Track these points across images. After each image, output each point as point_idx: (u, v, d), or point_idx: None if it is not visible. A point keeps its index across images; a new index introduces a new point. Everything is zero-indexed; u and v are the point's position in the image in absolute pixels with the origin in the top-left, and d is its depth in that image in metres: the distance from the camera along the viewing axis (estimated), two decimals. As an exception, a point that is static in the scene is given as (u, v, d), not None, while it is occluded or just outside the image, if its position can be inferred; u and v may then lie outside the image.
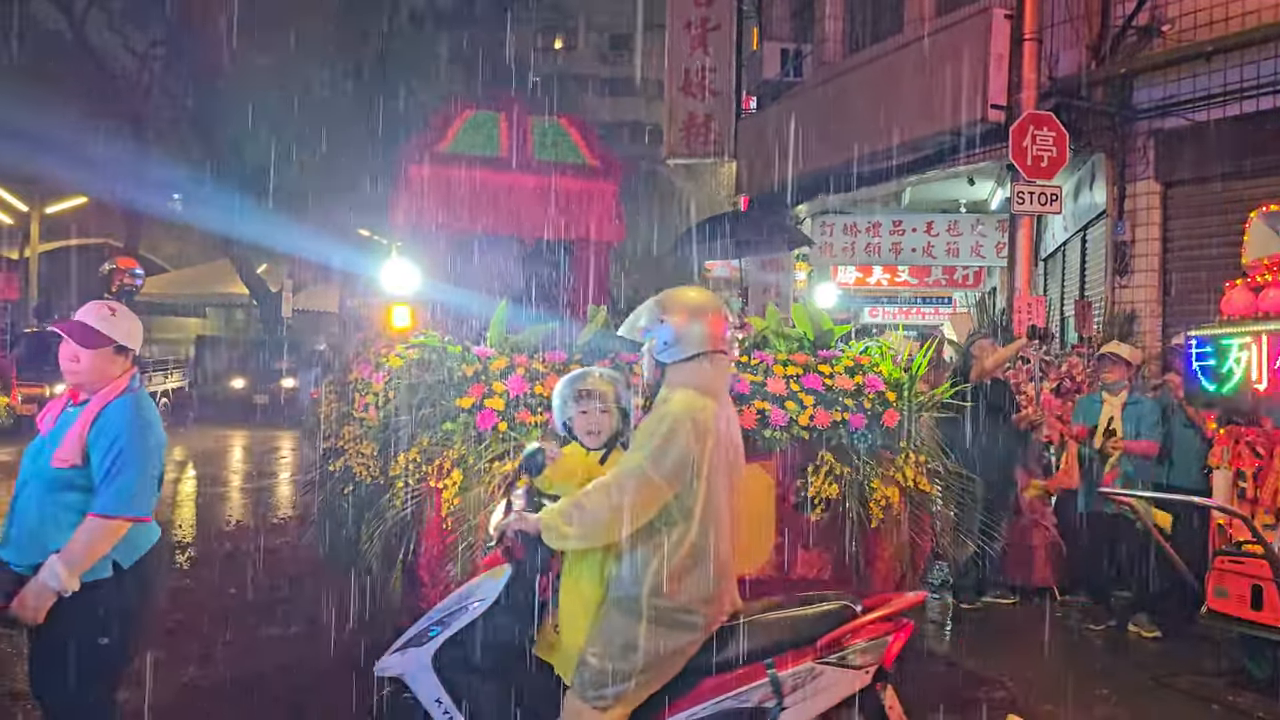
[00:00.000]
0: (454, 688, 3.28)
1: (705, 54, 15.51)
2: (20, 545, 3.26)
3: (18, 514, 3.29)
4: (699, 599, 3.02)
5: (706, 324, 3.12)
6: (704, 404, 3.05)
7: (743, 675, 3.02)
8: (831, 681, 3.03)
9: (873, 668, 3.07)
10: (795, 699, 3.00)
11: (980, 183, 13.02)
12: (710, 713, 3.02)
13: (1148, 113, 9.47)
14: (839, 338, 5.23)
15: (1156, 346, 9.19)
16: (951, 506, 5.13)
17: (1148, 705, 5.25)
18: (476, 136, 6.51)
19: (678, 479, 2.99)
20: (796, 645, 3.04)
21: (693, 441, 3.00)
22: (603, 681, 3.02)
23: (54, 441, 3.26)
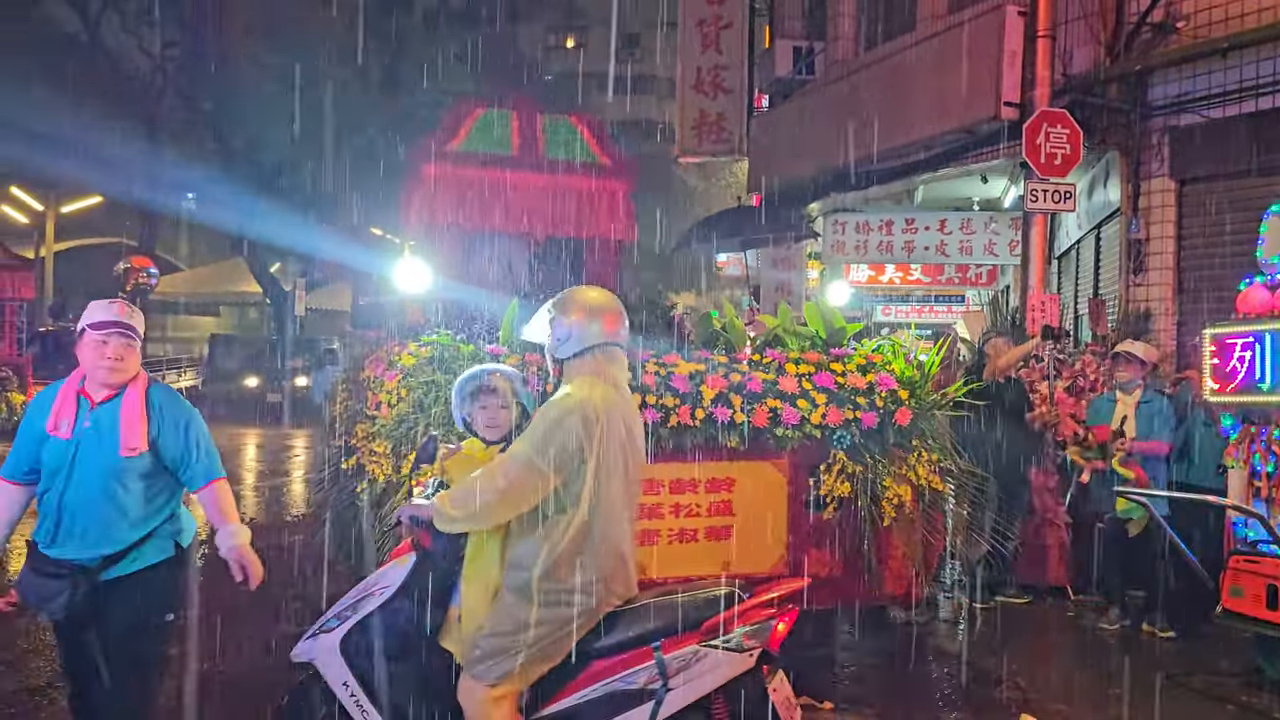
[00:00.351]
0: (360, 672, 3.42)
1: (717, 52, 15.48)
2: (84, 538, 3.35)
3: (75, 509, 3.34)
4: (586, 582, 3.12)
5: (601, 321, 3.28)
6: (595, 395, 3.16)
7: (631, 658, 3.14)
8: (716, 663, 3.13)
9: (757, 651, 3.18)
10: (680, 680, 3.10)
11: (993, 180, 12.96)
12: (600, 694, 3.13)
13: (1163, 109, 9.41)
14: (851, 336, 5.23)
15: (1172, 345, 9.13)
16: (964, 505, 5.12)
17: (1161, 705, 5.22)
18: (488, 135, 6.52)
19: (562, 466, 3.11)
20: (683, 629, 3.15)
21: (579, 430, 3.11)
22: (492, 659, 3.15)
23: (108, 435, 3.35)
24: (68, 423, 3.37)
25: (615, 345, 3.31)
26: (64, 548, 3.36)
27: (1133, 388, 6.73)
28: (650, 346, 4.86)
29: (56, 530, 3.36)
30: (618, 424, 3.22)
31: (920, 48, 11.46)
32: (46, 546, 3.37)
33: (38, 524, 3.41)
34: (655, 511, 4.67)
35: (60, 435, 3.36)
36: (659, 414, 4.54)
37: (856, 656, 5.85)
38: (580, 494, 3.14)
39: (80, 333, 3.42)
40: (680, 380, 4.62)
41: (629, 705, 3.10)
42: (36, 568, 3.37)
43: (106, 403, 3.41)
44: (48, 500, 3.38)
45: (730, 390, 4.66)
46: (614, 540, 3.19)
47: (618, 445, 3.20)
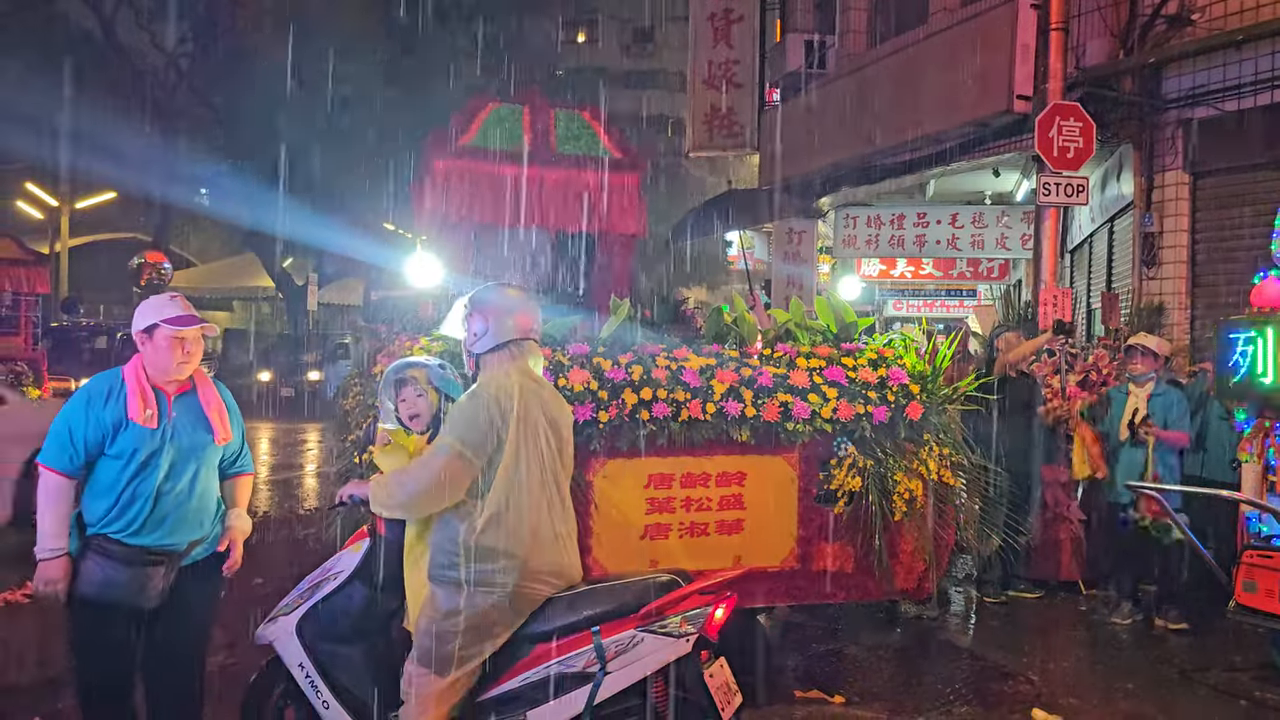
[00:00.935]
0: (316, 654, 3.57)
1: (728, 46, 15.45)
2: (176, 525, 3.49)
3: (167, 497, 3.46)
4: (505, 567, 3.23)
5: (514, 317, 3.42)
6: (509, 385, 3.31)
7: (571, 642, 3.23)
8: (652, 648, 3.22)
9: (693, 637, 3.25)
10: (618, 664, 3.20)
11: (1005, 174, 12.92)
12: (540, 677, 3.23)
13: (1176, 102, 9.36)
14: (862, 330, 5.22)
15: (1185, 338, 9.09)
16: (976, 500, 5.11)
17: (1174, 700, 5.22)
18: (499, 130, 6.52)
19: (481, 449, 3.25)
20: (621, 614, 3.24)
21: (495, 417, 3.26)
22: (432, 646, 3.25)
23: (198, 425, 3.54)
24: (153, 412, 3.44)
25: (529, 340, 3.46)
26: (154, 534, 3.44)
27: (1145, 380, 6.70)
28: (661, 340, 4.87)
29: (145, 518, 3.42)
30: (535, 412, 3.34)
31: (932, 41, 11.42)
32: (132, 535, 3.41)
33: (110, 514, 3.41)
34: (666, 505, 4.68)
35: (147, 424, 3.42)
36: (670, 408, 4.54)
37: (867, 651, 5.85)
38: (495, 480, 3.26)
39: (149, 329, 3.46)
40: (691, 375, 4.63)
41: (569, 687, 3.20)
42: (121, 558, 3.38)
43: (183, 395, 3.56)
44: (133, 489, 3.41)
45: (741, 384, 4.66)
46: (534, 524, 3.28)
47: (536, 433, 3.32)
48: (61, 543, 3.38)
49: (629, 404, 4.49)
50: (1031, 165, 10.09)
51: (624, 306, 4.99)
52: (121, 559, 3.38)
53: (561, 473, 3.46)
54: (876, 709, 4.91)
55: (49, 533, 3.37)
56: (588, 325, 4.89)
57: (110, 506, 3.41)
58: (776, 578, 4.82)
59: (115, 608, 3.39)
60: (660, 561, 4.65)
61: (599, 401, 4.46)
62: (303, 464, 13.63)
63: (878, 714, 4.85)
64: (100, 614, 3.39)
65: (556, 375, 4.46)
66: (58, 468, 3.40)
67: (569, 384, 4.44)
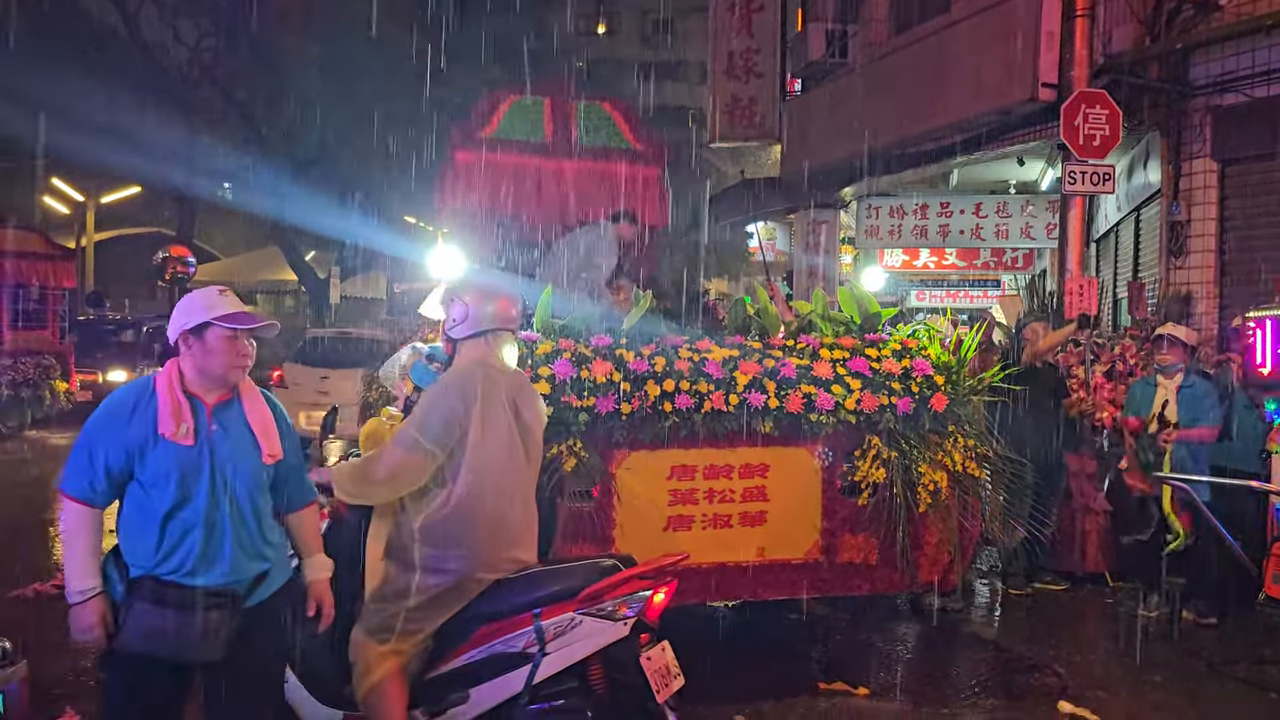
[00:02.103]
0: None
1: (749, 36, 15.37)
2: (238, 560, 2.96)
3: (219, 525, 2.93)
4: (463, 551, 3.33)
5: (495, 305, 3.51)
6: (478, 374, 3.39)
7: (514, 623, 3.32)
8: (591, 631, 3.29)
9: (631, 620, 3.33)
10: (556, 645, 3.28)
11: (1030, 163, 12.80)
12: (483, 656, 3.32)
13: (1204, 89, 9.23)
14: (886, 321, 5.19)
15: (1213, 328, 8.98)
16: (1001, 491, 5.07)
17: (1202, 692, 5.17)
18: (521, 122, 6.53)
19: (442, 440, 3.33)
20: (562, 598, 3.32)
21: (457, 406, 3.34)
22: (377, 617, 3.37)
23: (243, 440, 3.00)
24: (188, 426, 2.91)
25: (507, 330, 3.56)
26: (212, 573, 2.91)
27: (1174, 371, 6.62)
28: (684, 332, 4.87)
29: (199, 553, 2.90)
30: (501, 403, 3.43)
31: (955, 29, 11.31)
32: (188, 575, 2.88)
33: (157, 552, 2.89)
34: (689, 497, 4.68)
35: (182, 441, 2.89)
36: (693, 400, 4.54)
37: (891, 643, 5.83)
38: (459, 468, 3.34)
39: (198, 329, 2.96)
40: (714, 366, 4.62)
41: (510, 667, 3.29)
42: (176, 603, 2.85)
43: (223, 404, 3.01)
44: (180, 520, 2.89)
45: (764, 376, 4.65)
46: (492, 512, 3.38)
47: (500, 423, 3.41)
48: (93, 582, 2.87)
49: (651, 396, 4.49)
50: (1057, 154, 9.97)
51: (646, 298, 4.98)
52: (176, 604, 2.84)
53: (526, 465, 3.54)
54: (901, 701, 4.89)
55: (77, 572, 2.88)
56: (610, 317, 4.89)
57: (155, 543, 2.89)
58: (800, 570, 4.82)
59: (165, 663, 2.88)
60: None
61: (621, 393, 4.46)
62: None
63: (902, 706, 4.84)
64: (147, 670, 2.88)
65: (580, 367, 4.46)
66: (78, 495, 2.88)
67: (592, 375, 4.44)
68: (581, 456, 4.37)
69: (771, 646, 5.48)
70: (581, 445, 4.39)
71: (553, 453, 4.33)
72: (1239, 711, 4.99)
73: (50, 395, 14.75)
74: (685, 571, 4.64)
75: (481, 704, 3.30)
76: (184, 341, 2.99)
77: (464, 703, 3.31)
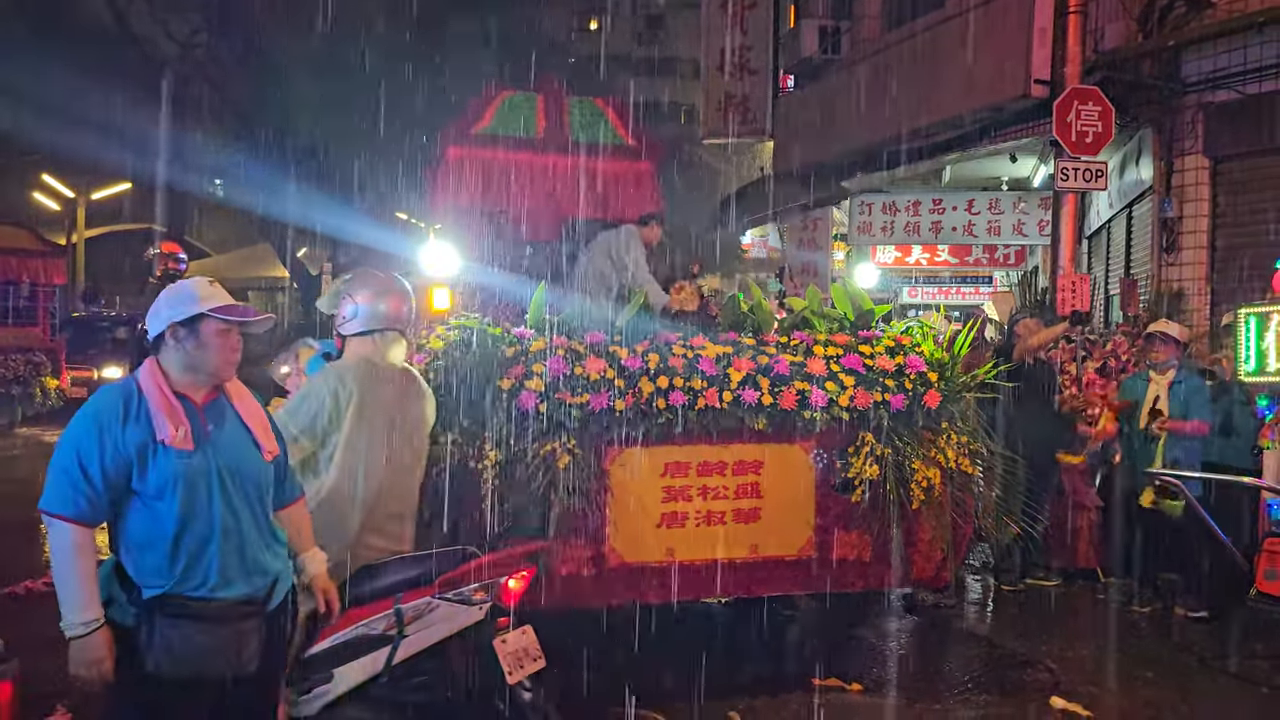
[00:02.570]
0: None
1: (742, 32, 15.38)
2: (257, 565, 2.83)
3: (233, 532, 2.77)
4: (333, 539, 3.40)
5: (387, 304, 3.67)
6: (361, 371, 3.55)
7: (375, 607, 3.46)
8: (446, 615, 3.46)
9: (487, 605, 3.51)
10: (415, 628, 3.43)
11: (1023, 159, 12.81)
12: (347, 639, 3.44)
13: (1196, 86, 9.26)
14: (879, 318, 5.19)
15: (1204, 325, 9.01)
16: (994, 488, 5.08)
17: (1194, 687, 5.18)
18: (514, 118, 6.51)
19: (309, 430, 3.48)
20: (422, 583, 3.47)
21: (329, 401, 3.47)
22: None
23: (240, 439, 2.84)
24: (186, 430, 2.71)
25: (395, 330, 3.71)
26: (236, 584, 2.75)
27: (1166, 368, 6.65)
28: (677, 329, 4.86)
29: (220, 565, 2.73)
30: (378, 401, 3.58)
31: (948, 25, 11.33)
32: (220, 589, 2.72)
33: (174, 569, 2.70)
34: (683, 494, 4.68)
35: (182, 445, 2.69)
36: (686, 396, 4.53)
37: (885, 639, 5.84)
38: (332, 462, 3.50)
39: (189, 322, 2.77)
40: (707, 363, 4.61)
41: (371, 648, 3.43)
42: (213, 618, 2.70)
43: (212, 403, 2.83)
44: (196, 532, 2.70)
45: (758, 372, 4.65)
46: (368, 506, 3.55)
47: (379, 421, 3.56)
48: (96, 612, 2.64)
49: (645, 392, 4.48)
50: (1049, 150, 10.01)
51: (640, 295, 4.97)
52: (207, 620, 2.69)
53: (410, 458, 3.72)
54: (894, 697, 4.90)
55: (77, 601, 2.62)
56: (603, 313, 4.88)
57: (169, 559, 2.69)
58: (794, 566, 4.82)
59: (202, 682, 2.69)
60: (677, 550, 4.66)
61: (615, 390, 4.45)
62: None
63: (895, 702, 4.85)
64: (173, 693, 2.68)
65: (573, 363, 4.45)
66: (70, 514, 2.62)
67: (585, 372, 4.43)
68: (575, 454, 4.37)
69: (765, 643, 5.48)
70: (575, 442, 4.38)
71: (546, 449, 4.32)
72: (1230, 706, 5.01)
73: (41, 392, 14.71)
74: (679, 568, 4.66)
75: (345, 683, 3.42)
76: (172, 335, 2.78)
77: (328, 682, 3.43)
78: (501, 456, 4.31)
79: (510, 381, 4.38)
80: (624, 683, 4.72)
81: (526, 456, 4.33)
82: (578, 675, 4.70)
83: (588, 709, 4.51)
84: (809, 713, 4.65)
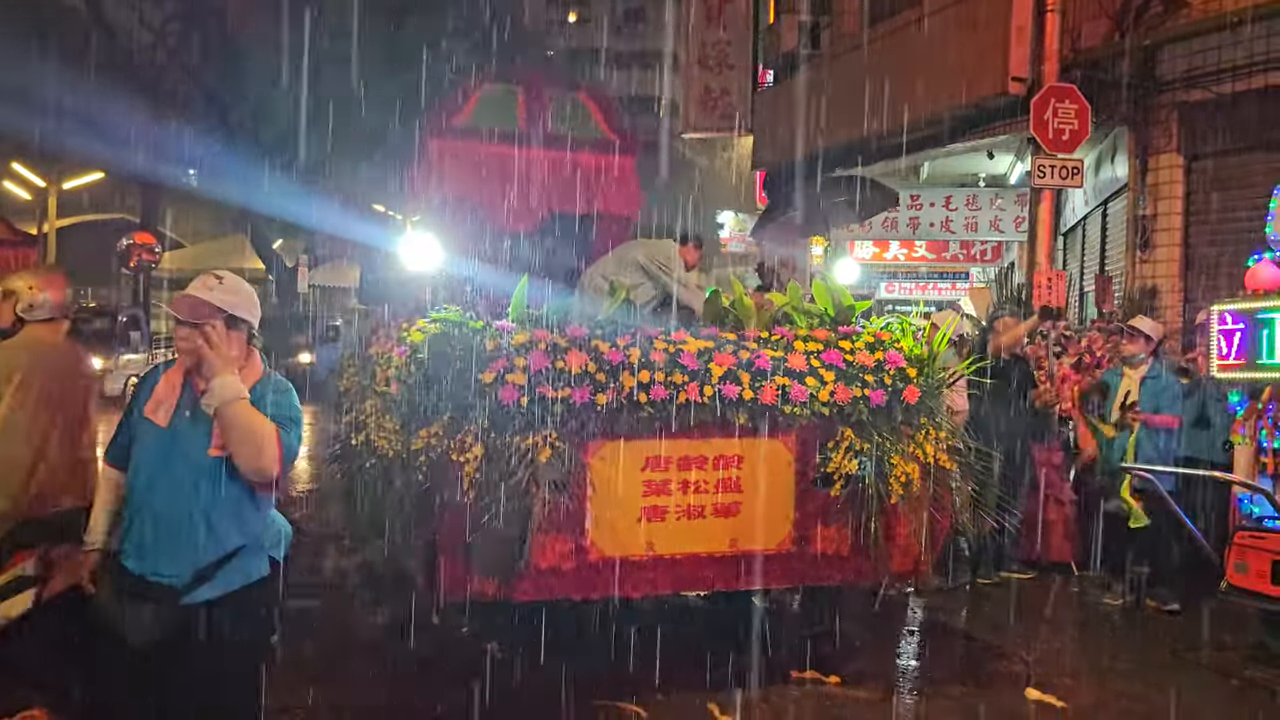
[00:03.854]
0: None
1: (721, 27, 15.39)
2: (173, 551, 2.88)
3: (164, 514, 2.87)
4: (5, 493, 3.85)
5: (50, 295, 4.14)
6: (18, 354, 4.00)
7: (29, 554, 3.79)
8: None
9: None
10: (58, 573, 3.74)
11: (1000, 156, 12.90)
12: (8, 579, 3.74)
13: (1171, 85, 9.34)
14: (860, 314, 5.22)
15: (1178, 321, 9.12)
16: (970, 482, 5.12)
17: (1166, 679, 5.25)
18: (494, 110, 6.49)
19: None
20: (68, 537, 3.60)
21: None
22: None
23: (202, 429, 2.88)
24: (167, 409, 2.92)
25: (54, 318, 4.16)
26: (151, 561, 2.88)
27: (1138, 362, 6.73)
28: (659, 323, 4.86)
29: (143, 539, 2.89)
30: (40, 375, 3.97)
31: (927, 22, 11.37)
32: (131, 559, 2.90)
33: (124, 530, 2.96)
34: (663, 488, 4.68)
35: (156, 421, 2.92)
36: (668, 391, 4.53)
37: (863, 632, 5.88)
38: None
39: None
40: (689, 357, 4.62)
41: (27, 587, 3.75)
42: (118, 585, 2.90)
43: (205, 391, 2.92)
44: (136, 500, 2.91)
45: (739, 368, 4.66)
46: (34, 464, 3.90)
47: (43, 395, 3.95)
48: (95, 537, 3.03)
49: (627, 386, 4.48)
50: (1026, 147, 10.07)
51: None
52: (119, 585, 2.90)
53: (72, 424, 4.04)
54: (872, 689, 4.94)
55: (91, 525, 3.06)
56: (585, 306, 4.88)
57: (126, 520, 2.95)
58: (773, 560, 4.84)
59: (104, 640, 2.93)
60: (657, 543, 4.67)
61: (597, 384, 4.45)
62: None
63: (873, 694, 4.88)
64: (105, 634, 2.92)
65: (555, 357, 4.44)
66: (107, 456, 3.08)
67: (567, 366, 4.43)
68: (556, 447, 4.36)
69: (744, 636, 5.51)
70: (556, 436, 4.38)
71: (528, 443, 4.32)
72: (1202, 697, 5.08)
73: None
74: (659, 561, 4.67)
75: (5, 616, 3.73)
76: None
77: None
78: (483, 450, 4.30)
79: (492, 375, 4.37)
80: (603, 676, 4.74)
81: (508, 450, 4.32)
82: (557, 668, 4.71)
83: (567, 703, 4.52)
84: (787, 705, 4.68)
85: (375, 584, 5.74)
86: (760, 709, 4.62)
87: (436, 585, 4.54)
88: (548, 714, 4.48)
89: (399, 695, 4.68)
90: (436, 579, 4.50)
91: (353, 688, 4.72)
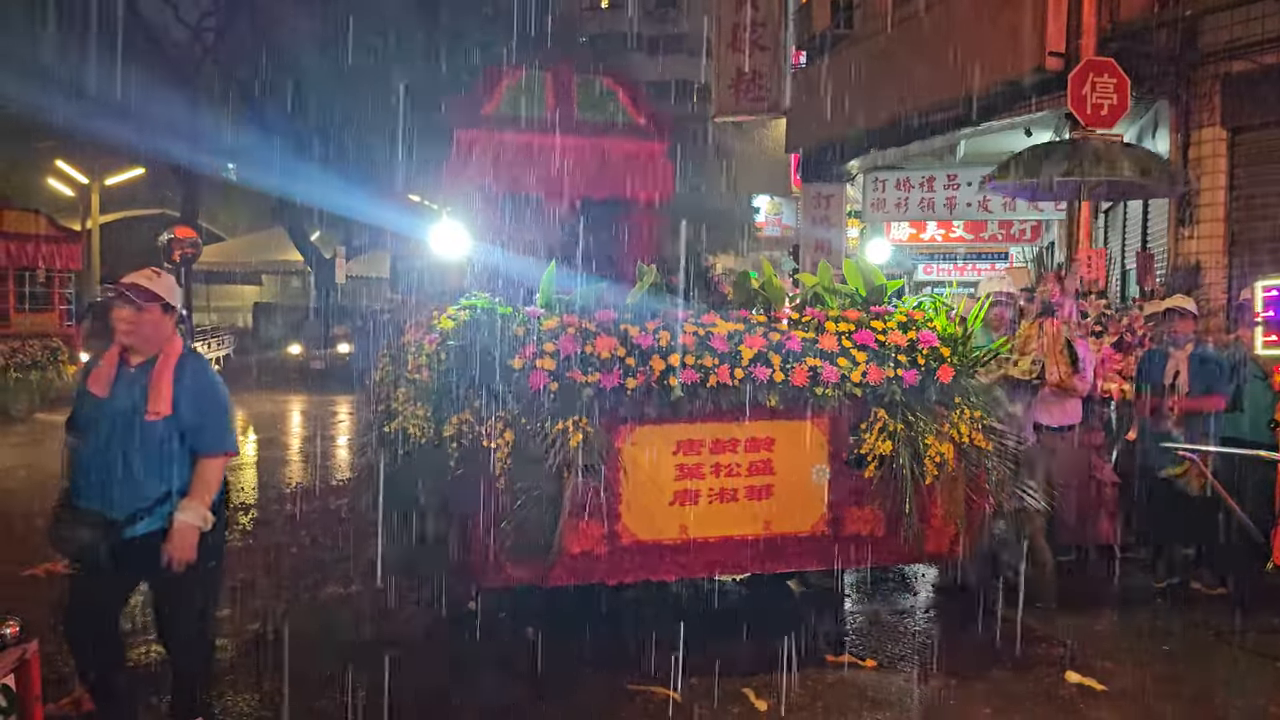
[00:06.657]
0: None
1: (753, 8, 15.23)
2: (106, 493, 3.63)
3: (99, 465, 3.63)
4: None
5: None
6: None
7: None
8: None
9: None
10: None
11: (1038, 133, 12.65)
12: None
13: (1213, 56, 9.13)
14: (891, 293, 5.17)
15: (1222, 299, 8.93)
16: (1008, 463, 5.06)
17: (1209, 662, 5.17)
18: (524, 98, 6.47)
19: None
20: None
21: None
22: None
23: (135, 399, 3.65)
24: (106, 381, 3.69)
25: None
26: (90, 500, 3.64)
27: (1185, 342, 6.59)
28: (689, 307, 4.84)
29: (85, 483, 3.66)
30: None
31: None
32: (76, 498, 3.67)
33: (74, 478, 3.70)
34: (696, 471, 4.68)
35: (96, 392, 3.68)
36: (698, 374, 4.52)
37: (899, 615, 5.84)
38: None
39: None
40: (719, 340, 4.60)
41: None
42: (66, 518, 3.66)
43: (139, 368, 3.72)
44: (79, 453, 3.69)
45: (769, 349, 4.63)
46: None
47: None
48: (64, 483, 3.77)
49: (656, 370, 4.48)
50: (1064, 123, 9.89)
51: (650, 273, 4.96)
52: (66, 518, 3.66)
53: None
54: (909, 673, 4.90)
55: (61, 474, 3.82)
56: (614, 292, 4.87)
57: (75, 471, 3.70)
58: (807, 542, 4.82)
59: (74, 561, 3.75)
60: (690, 527, 4.67)
61: (627, 368, 4.45)
62: (334, 435, 13.75)
63: (910, 678, 4.85)
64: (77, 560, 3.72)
65: (584, 342, 4.45)
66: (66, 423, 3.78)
67: (596, 351, 4.43)
68: (588, 432, 4.37)
69: (778, 620, 5.49)
70: (587, 420, 4.39)
71: (559, 428, 4.33)
72: (1246, 680, 4.98)
73: (59, 377, 14.80)
74: (692, 545, 4.67)
75: None
76: None
77: None
78: (514, 436, 4.32)
79: (521, 360, 4.38)
80: (638, 660, 4.75)
81: (539, 436, 4.33)
82: (591, 652, 4.73)
83: (600, 686, 4.53)
84: (823, 689, 4.66)
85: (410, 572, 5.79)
86: (796, 693, 4.61)
87: (471, 572, 4.57)
88: (581, 697, 4.51)
89: (435, 682, 4.72)
90: (471, 566, 4.52)
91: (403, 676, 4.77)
